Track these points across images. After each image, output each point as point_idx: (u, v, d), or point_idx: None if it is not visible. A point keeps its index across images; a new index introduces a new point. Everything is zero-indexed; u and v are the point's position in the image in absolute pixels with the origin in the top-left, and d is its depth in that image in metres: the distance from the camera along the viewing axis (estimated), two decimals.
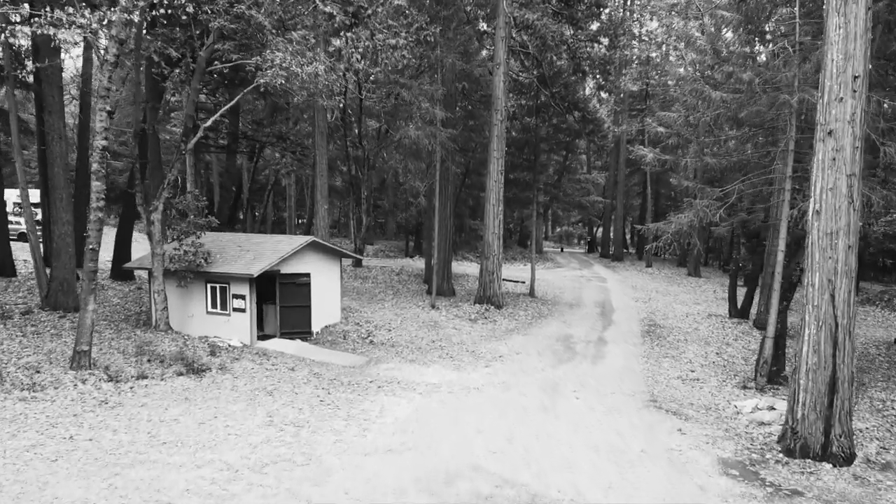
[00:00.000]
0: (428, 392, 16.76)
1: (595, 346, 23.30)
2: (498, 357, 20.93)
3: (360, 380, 17.68)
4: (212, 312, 20.92)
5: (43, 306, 22.19)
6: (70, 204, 22.20)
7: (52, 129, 21.72)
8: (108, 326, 21.00)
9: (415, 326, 24.62)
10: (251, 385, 16.62)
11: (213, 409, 14.70)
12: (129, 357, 17.81)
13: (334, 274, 23.60)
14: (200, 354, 18.29)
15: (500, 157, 27.86)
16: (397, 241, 53.66)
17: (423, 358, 20.45)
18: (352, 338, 22.26)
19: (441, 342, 22.66)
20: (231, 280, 20.38)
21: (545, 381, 18.30)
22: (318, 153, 25.42)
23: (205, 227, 20.23)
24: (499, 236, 28.16)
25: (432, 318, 26.32)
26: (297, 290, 21.28)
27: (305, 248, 21.77)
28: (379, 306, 27.95)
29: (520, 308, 29.51)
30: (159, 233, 19.33)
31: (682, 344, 24.40)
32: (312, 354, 19.82)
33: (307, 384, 17.03)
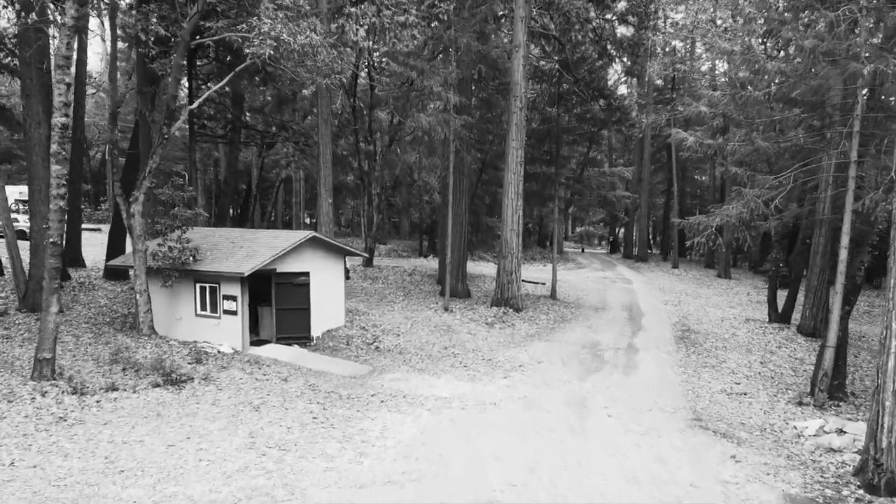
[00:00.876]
0: (437, 408, 14.64)
1: (625, 353, 21.03)
2: (517, 366, 18.75)
3: (361, 393, 15.61)
4: (201, 315, 18.96)
5: (20, 307, 20.38)
6: (48, 196, 20.31)
7: (30, 113, 19.91)
8: (89, 330, 19.12)
9: (426, 331, 22.51)
10: (236, 398, 14.61)
11: (188, 429, 12.69)
12: (102, 365, 15.88)
13: (337, 273, 21.56)
14: (181, 363, 16.32)
15: (518, 148, 25.67)
16: (411, 240, 51.62)
17: (433, 367, 18.33)
18: (356, 343, 20.20)
19: (454, 349, 20.53)
20: (221, 279, 18.41)
21: (572, 396, 16.10)
22: (321, 142, 23.45)
23: (191, 220, 18.27)
24: (518, 233, 25.97)
25: (445, 321, 24.19)
26: (294, 290, 19.26)
27: (304, 244, 19.74)
28: (388, 309, 25.88)
29: (541, 311, 27.30)
30: (140, 226, 17.39)
31: (720, 352, 22.04)
32: (310, 362, 17.78)
33: (300, 398, 14.98)
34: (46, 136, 20.37)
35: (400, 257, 43.31)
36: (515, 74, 25.27)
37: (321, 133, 23.45)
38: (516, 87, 25.34)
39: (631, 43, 24.89)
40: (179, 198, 17.88)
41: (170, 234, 17.90)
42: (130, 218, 17.36)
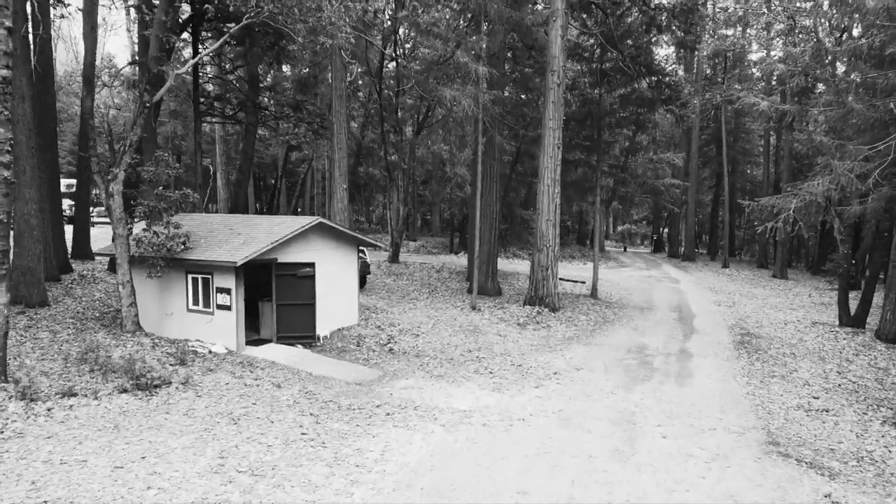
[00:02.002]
0: (454, 423, 12.13)
1: (678, 359, 18.21)
2: (552, 374, 16.13)
3: (365, 402, 13.19)
4: (193, 310, 16.81)
5: None
6: (36, 178, 18.46)
7: (14, 87, 17.98)
8: (73, 325, 17.12)
9: (449, 331, 20.02)
10: (215, 408, 12.33)
11: (146, 445, 10.43)
12: (70, 366, 13.77)
13: (348, 265, 19.23)
14: (160, 365, 14.11)
15: (556, 128, 23.01)
16: (443, 237, 49.22)
17: (454, 373, 15.83)
18: (368, 344, 17.81)
19: (479, 352, 18.00)
20: (214, 270, 16.22)
21: (617, 410, 13.42)
22: (335, 120, 21.18)
23: (179, 202, 16.11)
24: (555, 224, 23.29)
25: (472, 321, 21.67)
26: (297, 283, 16.97)
27: (309, 231, 17.45)
28: (410, 306, 23.47)
29: (580, 311, 24.56)
30: (120, 208, 15.32)
31: (789, 359, 19.04)
32: (311, 366, 15.45)
33: (291, 408, 12.63)
34: (31, 112, 18.51)
35: (429, 254, 40.91)
36: (553, 46, 22.62)
37: (335, 110, 21.17)
38: (553, 60, 22.69)
39: (684, 8, 22.04)
40: (165, 176, 15.74)
41: (156, 219, 15.77)
42: (109, 198, 15.29)
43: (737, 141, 51.40)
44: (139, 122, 15.09)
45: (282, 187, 44.16)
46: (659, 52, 31.88)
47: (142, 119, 15.10)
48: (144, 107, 15.04)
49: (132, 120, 15.15)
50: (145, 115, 15.14)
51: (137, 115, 15.19)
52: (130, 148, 15.01)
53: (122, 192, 15.19)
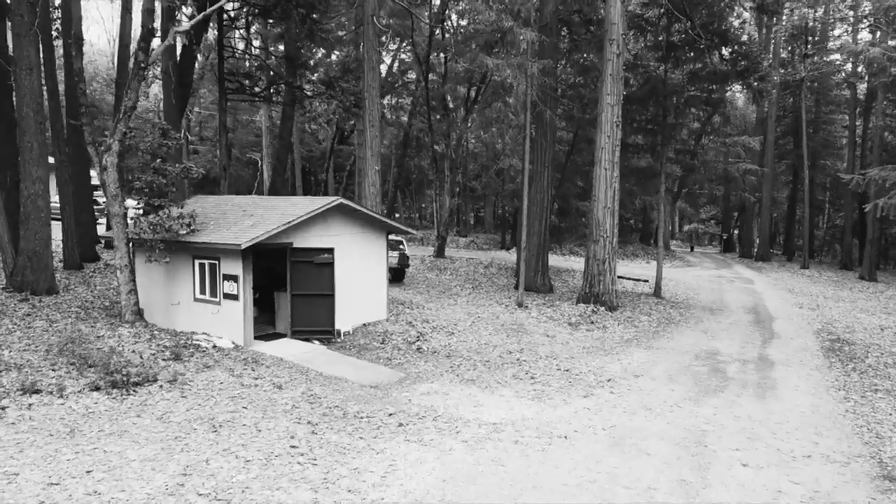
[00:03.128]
0: (478, 439, 9.90)
1: (756, 368, 15.45)
2: (605, 381, 13.68)
3: (377, 410, 11.10)
4: (200, 299, 15.11)
5: (7, 286, 17.29)
6: (44, 155, 17.13)
7: (20, 56, 16.74)
8: (74, 315, 15.63)
9: (489, 330, 17.76)
10: (198, 411, 10.45)
11: (99, 456, 8.61)
12: (49, 358, 12.17)
13: (376, 253, 17.23)
14: (142, 360, 12.37)
15: (614, 104, 20.46)
16: (495, 234, 46.89)
17: (488, 377, 13.57)
18: (394, 342, 15.73)
19: (521, 354, 15.68)
20: (221, 255, 14.46)
21: (684, 428, 10.91)
22: (367, 95, 19.23)
23: (180, 176, 14.39)
24: (612, 212, 20.73)
25: (517, 319, 19.35)
26: (314, 271, 15.04)
27: (329, 213, 15.53)
28: (449, 302, 21.32)
29: (641, 311, 21.89)
30: (115, 183, 13.73)
31: (892, 370, 15.99)
32: (323, 364, 13.47)
33: (288, 414, 10.64)
34: (39, 84, 17.18)
35: (479, 250, 38.66)
36: (611, 12, 20.10)
37: (366, 84, 19.20)
38: (612, 27, 20.16)
39: None
40: (164, 147, 14.04)
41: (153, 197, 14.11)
42: (103, 172, 13.73)
43: (817, 132, 47.12)
44: (134, 86, 13.46)
45: (329, 181, 42.72)
46: (733, 23, 28.65)
47: (137, 82, 13.47)
48: (140, 67, 13.40)
49: (127, 83, 13.56)
50: (141, 77, 13.50)
51: (132, 76, 13.58)
52: (125, 115, 13.40)
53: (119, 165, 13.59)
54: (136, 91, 13.52)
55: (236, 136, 47.34)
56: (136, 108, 14.32)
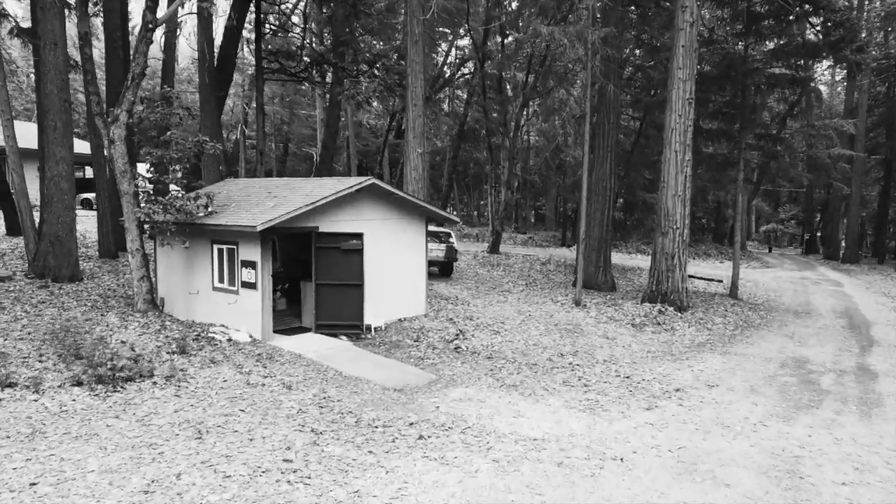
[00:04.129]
0: (513, 459, 8.09)
1: (857, 379, 12.99)
2: (673, 391, 11.58)
3: (396, 417, 9.41)
4: (218, 288, 13.80)
5: (29, 272, 16.49)
6: (68, 135, 16.24)
7: (44, 31, 15.89)
8: (90, 304, 14.59)
9: (540, 329, 15.85)
10: (187, 413, 9.01)
11: (53, 465, 7.26)
12: (40, 349, 11.01)
13: (413, 241, 15.58)
14: (153, 353, 11.06)
15: (687, 79, 18.20)
16: (556, 231, 44.67)
17: (533, 382, 11.69)
18: (430, 340, 14.01)
19: (575, 357, 13.71)
20: (239, 239, 13.10)
21: (771, 452, 8.79)
22: (410, 71, 17.63)
23: (194, 151, 13.08)
24: (684, 200, 18.45)
25: (573, 318, 17.35)
26: (341, 259, 13.49)
27: (359, 195, 13.98)
28: (499, 299, 19.48)
29: (714, 312, 19.49)
30: (124, 158, 12.54)
31: None
32: (345, 363, 11.88)
33: (291, 419, 9.08)
34: (64, 59, 16.28)
35: (538, 247, 36.58)
36: None
37: (409, 59, 17.59)
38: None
39: None
40: (175, 118, 12.75)
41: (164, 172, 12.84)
42: (111, 146, 12.58)
43: None
44: (142, 50, 12.23)
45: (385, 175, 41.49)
46: None
47: (144, 45, 12.24)
48: (147, 29, 12.17)
49: (135, 47, 12.36)
50: (148, 40, 12.27)
51: (140, 39, 12.36)
52: (134, 83, 12.20)
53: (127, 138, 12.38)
54: (143, 55, 12.29)
55: (293, 130, 46.77)
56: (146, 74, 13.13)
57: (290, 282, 16.42)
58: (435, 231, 22.21)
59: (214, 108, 19.74)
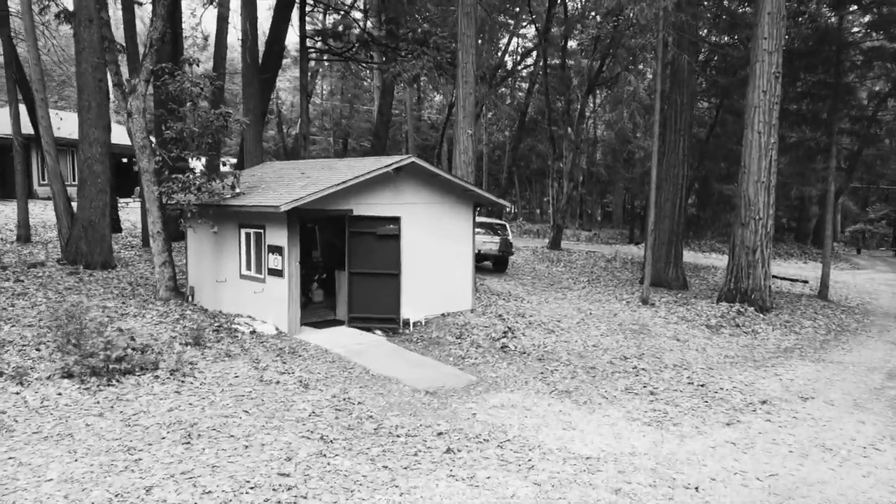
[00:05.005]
0: (560, 482, 6.57)
1: None
2: (758, 403, 9.74)
3: (424, 425, 8.00)
4: (245, 276, 12.72)
5: (62, 258, 15.90)
6: (102, 116, 15.56)
7: (79, 8, 15.21)
8: (117, 292, 13.77)
9: (601, 329, 14.14)
10: (181, 413, 7.84)
11: (7, 470, 6.22)
12: (41, 337, 10.11)
13: (459, 229, 14.14)
14: (164, 344, 9.99)
15: (774, 51, 16.10)
16: (623, 229, 42.33)
17: (590, 389, 10.06)
18: (474, 338, 12.52)
19: (641, 360, 11.96)
20: (266, 221, 11.97)
21: (891, 486, 6.92)
22: (461, 46, 16.19)
23: (218, 126, 12.00)
24: (768, 187, 16.36)
25: (639, 318, 15.54)
26: (377, 245, 12.18)
27: (398, 175, 12.63)
28: (557, 296, 17.83)
29: (802, 315, 17.27)
30: (143, 132, 11.61)
31: None
32: (375, 360, 10.54)
33: (300, 423, 7.79)
34: (98, 38, 15.56)
35: (603, 244, 34.50)
36: None
37: (461, 33, 16.16)
38: None
39: None
40: (197, 90, 11.69)
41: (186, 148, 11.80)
42: (129, 119, 11.66)
43: None
44: (159, 13, 11.26)
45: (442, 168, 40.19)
46: None
47: (162, 8, 11.25)
48: None
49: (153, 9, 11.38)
50: (165, 2, 11.27)
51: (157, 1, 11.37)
52: (152, 49, 11.24)
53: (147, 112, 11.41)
54: (161, 19, 11.33)
55: (352, 124, 46.10)
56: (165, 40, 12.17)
57: (328, 272, 15.26)
58: (488, 222, 20.71)
59: (257, 91, 18.80)
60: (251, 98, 18.44)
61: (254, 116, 18.54)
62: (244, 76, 18.98)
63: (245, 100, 18.43)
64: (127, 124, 12.03)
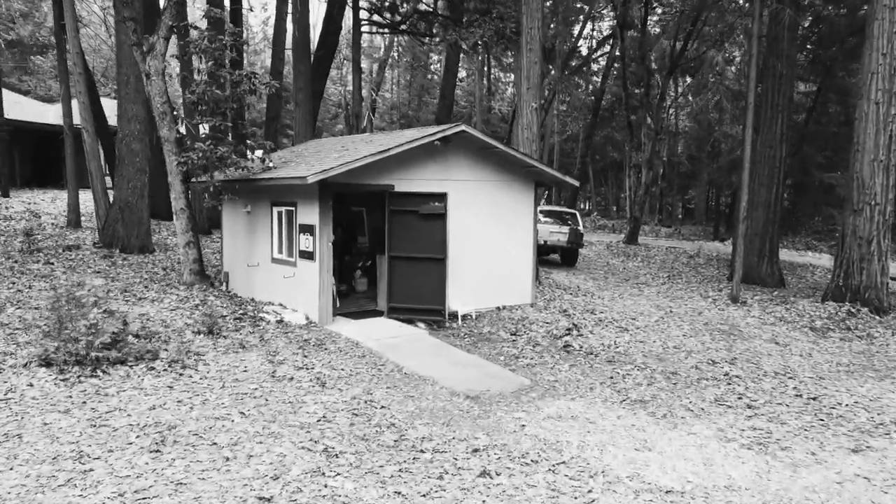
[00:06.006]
0: None
1: None
2: (891, 424, 7.60)
3: (457, 438, 6.39)
4: (277, 260, 11.45)
5: (98, 242, 15.14)
6: (141, 90, 14.65)
7: None
8: (147, 277, 12.78)
9: (684, 329, 12.13)
10: (165, 413, 6.51)
11: None
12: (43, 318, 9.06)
13: (518, 211, 12.43)
14: (172, 331, 8.76)
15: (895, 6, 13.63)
16: (707, 226, 39.36)
17: (671, 398, 8.17)
18: (532, 334, 10.78)
19: (733, 366, 9.93)
20: (297, 198, 10.64)
21: None
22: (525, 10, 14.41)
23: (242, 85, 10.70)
24: (887, 167, 13.90)
25: (728, 317, 13.42)
26: (419, 225, 10.64)
27: (445, 147, 11.04)
28: (633, 292, 15.85)
29: None
30: (162, 96, 10.49)
31: None
32: (410, 356, 8.98)
33: (302, 431, 6.33)
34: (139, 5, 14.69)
35: (685, 240, 31.84)
36: None
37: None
38: None
39: None
40: (217, 45, 10.44)
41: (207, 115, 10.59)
42: (147, 81, 10.56)
43: None
44: None
45: None
46: None
47: None
48: None
49: None
50: None
51: None
52: (170, 3, 10.09)
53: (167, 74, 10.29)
54: None
55: (420, 116, 44.98)
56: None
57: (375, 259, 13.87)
58: (556, 210, 18.90)
59: (309, 69, 17.62)
60: (302, 76, 17.28)
61: (304, 96, 17.39)
62: (294, 52, 17.84)
63: (295, 78, 17.29)
64: (147, 87, 10.97)
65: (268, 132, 21.96)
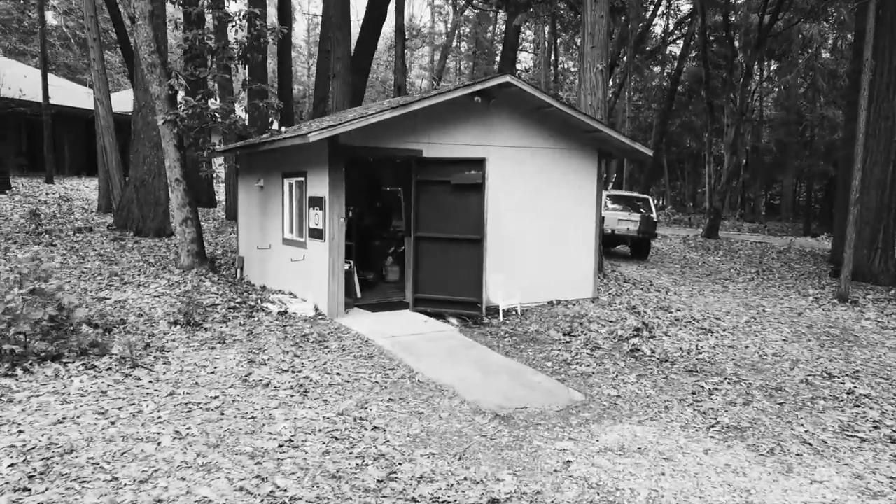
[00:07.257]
0: None
1: None
2: None
3: (471, 481, 4.42)
4: (288, 240, 9.75)
5: (112, 224, 13.89)
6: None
7: None
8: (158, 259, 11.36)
9: (782, 333, 9.75)
10: (69, 430, 4.82)
11: None
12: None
13: (578, 187, 10.33)
14: (150, 322, 7.13)
15: None
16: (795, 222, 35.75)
17: (777, 426, 5.95)
18: (590, 335, 8.64)
19: (857, 380, 7.56)
20: (308, 166, 8.90)
21: None
22: None
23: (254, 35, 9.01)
24: None
25: (838, 320, 10.92)
26: (451, 199, 8.70)
27: (487, 104, 9.04)
28: (714, 287, 13.46)
29: None
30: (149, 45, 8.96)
31: None
32: (430, 359, 7.05)
33: (251, 463, 4.47)
34: None
35: (771, 235, 28.67)
36: None
37: None
38: None
39: None
40: None
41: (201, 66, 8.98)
42: (133, 25, 9.03)
43: None
44: None
45: None
46: None
47: None
48: None
49: None
50: None
51: None
52: None
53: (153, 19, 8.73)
54: None
55: None
56: None
57: None
58: (626, 195, 16.64)
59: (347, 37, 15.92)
60: (339, 45, 15.61)
61: (342, 66, 15.72)
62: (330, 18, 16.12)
63: (333, 46, 15.65)
64: (133, 35, 9.49)
65: (315, 114, 20.57)
